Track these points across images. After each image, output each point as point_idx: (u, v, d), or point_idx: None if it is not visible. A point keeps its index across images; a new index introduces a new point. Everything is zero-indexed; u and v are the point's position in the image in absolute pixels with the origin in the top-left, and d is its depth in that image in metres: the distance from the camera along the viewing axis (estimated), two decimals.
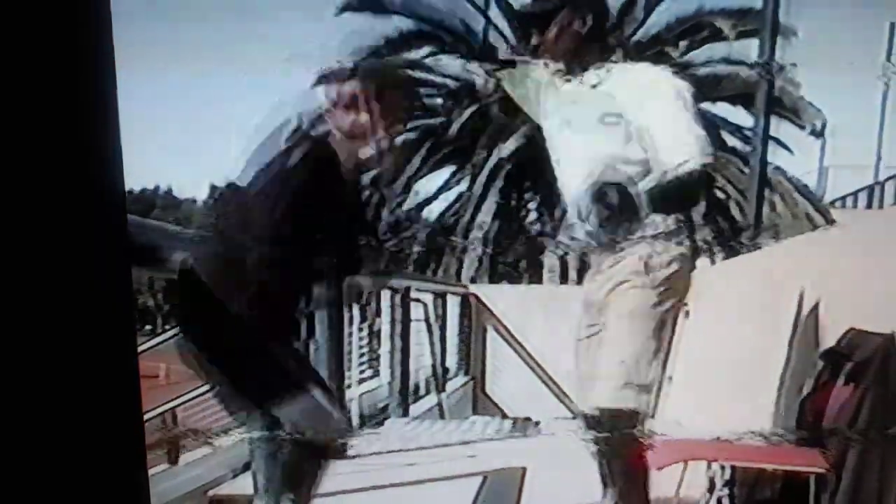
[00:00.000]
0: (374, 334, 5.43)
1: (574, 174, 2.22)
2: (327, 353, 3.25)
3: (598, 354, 2.22)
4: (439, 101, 10.93)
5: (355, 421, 4.45)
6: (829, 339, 2.59)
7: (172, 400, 3.44)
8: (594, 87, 2.21)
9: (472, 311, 7.39)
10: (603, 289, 2.23)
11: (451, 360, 6.99)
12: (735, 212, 9.42)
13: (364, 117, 2.09)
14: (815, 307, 2.89)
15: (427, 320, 6.08)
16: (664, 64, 2.31)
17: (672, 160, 2.11)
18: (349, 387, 4.32)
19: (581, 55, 2.20)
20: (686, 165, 2.10)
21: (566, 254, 9.19)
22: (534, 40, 2.21)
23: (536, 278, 9.86)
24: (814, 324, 2.89)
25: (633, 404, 2.15)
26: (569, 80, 2.24)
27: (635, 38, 9.96)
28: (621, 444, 2.18)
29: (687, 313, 4.75)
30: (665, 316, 2.17)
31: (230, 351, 2.06)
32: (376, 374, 5.43)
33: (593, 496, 2.31)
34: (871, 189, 10.47)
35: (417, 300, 5.74)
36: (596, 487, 2.29)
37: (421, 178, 10.68)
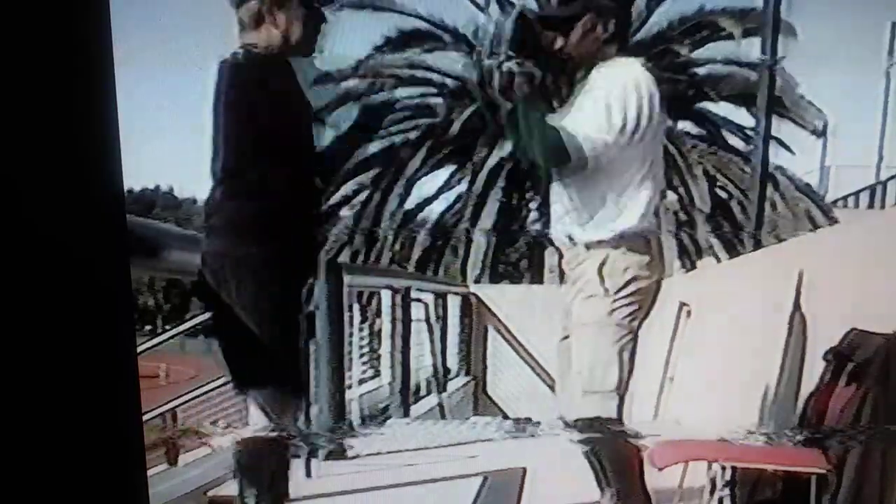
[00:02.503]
0: (375, 334, 5.43)
1: None
2: (327, 353, 3.26)
3: (569, 360, 2.25)
4: (439, 100, 10.93)
5: (356, 421, 4.45)
6: (830, 340, 2.59)
7: (172, 400, 3.44)
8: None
9: (473, 311, 7.39)
10: (568, 293, 2.26)
11: (452, 361, 6.99)
12: (737, 211, 9.42)
13: (273, 31, 2.09)
14: (798, 306, 2.90)
15: (428, 320, 6.08)
16: (662, 60, 2.28)
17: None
18: (349, 387, 4.32)
19: (599, 57, 2.20)
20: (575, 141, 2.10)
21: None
22: (557, 43, 2.20)
23: (537, 278, 9.86)
24: (801, 322, 2.90)
25: (596, 412, 2.17)
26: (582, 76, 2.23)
27: (638, 36, 9.95)
28: (609, 446, 2.19)
29: (688, 313, 4.76)
30: (623, 322, 2.17)
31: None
32: (377, 374, 5.43)
33: (593, 496, 2.31)
34: (872, 189, 10.45)
35: (418, 300, 5.74)
36: (596, 488, 2.29)
37: (421, 177, 10.68)
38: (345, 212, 10.28)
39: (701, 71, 10.18)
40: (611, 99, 2.11)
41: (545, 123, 2.13)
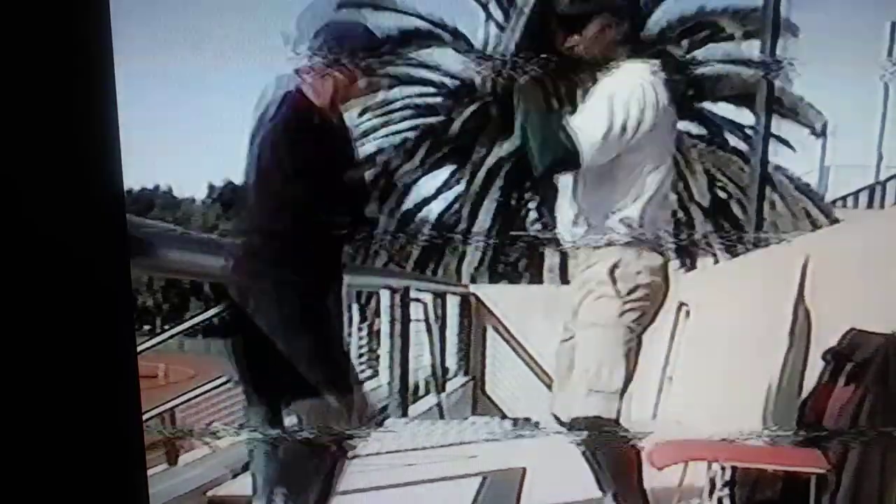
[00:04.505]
0: (374, 334, 5.44)
1: None
2: None
3: (571, 360, 2.25)
4: (439, 100, 10.93)
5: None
6: (829, 340, 2.59)
7: (171, 400, 3.44)
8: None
9: (472, 311, 7.39)
10: (577, 294, 2.26)
11: (451, 360, 6.99)
12: (736, 211, 9.43)
13: (334, 80, 2.14)
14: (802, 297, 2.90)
15: (427, 320, 6.08)
16: (661, 61, 2.26)
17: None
18: None
19: (610, 57, 2.20)
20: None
21: (566, 254, 9.19)
22: (569, 41, 2.20)
23: (536, 278, 9.85)
24: (806, 321, 2.90)
25: (597, 412, 2.17)
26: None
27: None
28: (607, 447, 2.19)
29: (687, 313, 4.76)
30: (632, 325, 2.18)
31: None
32: (376, 374, 5.43)
33: (593, 496, 2.31)
34: (871, 189, 10.46)
35: (417, 300, 5.74)
36: (595, 487, 2.30)
37: (421, 177, 10.68)
38: None
39: (700, 71, 10.18)
40: (614, 101, 2.10)
41: (549, 126, 2.12)
